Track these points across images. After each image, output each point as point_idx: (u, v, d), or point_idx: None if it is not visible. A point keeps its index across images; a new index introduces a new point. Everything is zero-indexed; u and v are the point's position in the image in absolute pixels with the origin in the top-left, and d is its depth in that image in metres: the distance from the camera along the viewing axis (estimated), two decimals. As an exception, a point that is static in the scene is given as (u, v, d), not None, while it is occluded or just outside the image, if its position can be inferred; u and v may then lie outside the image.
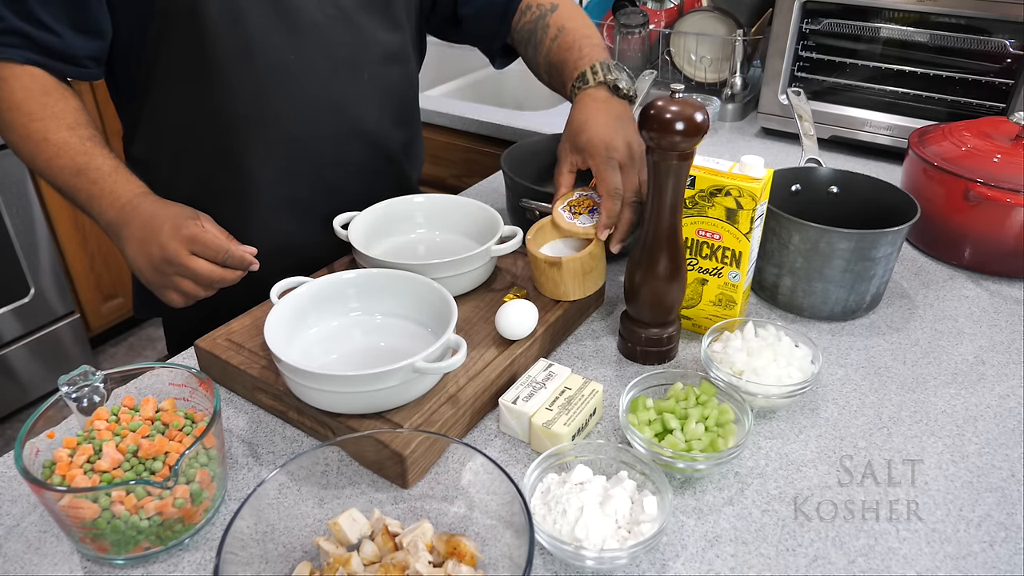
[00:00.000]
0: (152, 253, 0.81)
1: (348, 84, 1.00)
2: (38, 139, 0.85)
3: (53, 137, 0.85)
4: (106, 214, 0.85)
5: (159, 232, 0.81)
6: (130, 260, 0.84)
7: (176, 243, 0.81)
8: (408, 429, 0.70)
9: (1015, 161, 1.02)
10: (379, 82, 1.04)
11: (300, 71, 0.95)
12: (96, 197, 0.85)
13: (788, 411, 0.81)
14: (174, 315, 1.11)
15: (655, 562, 0.64)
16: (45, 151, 0.85)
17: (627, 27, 1.70)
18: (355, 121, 1.02)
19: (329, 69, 0.98)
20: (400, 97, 1.09)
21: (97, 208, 0.85)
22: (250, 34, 0.90)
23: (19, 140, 0.86)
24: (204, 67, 0.91)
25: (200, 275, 0.82)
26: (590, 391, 0.77)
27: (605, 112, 0.91)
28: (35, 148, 0.85)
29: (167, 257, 0.81)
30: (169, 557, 0.64)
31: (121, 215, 0.84)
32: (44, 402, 0.66)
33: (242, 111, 0.94)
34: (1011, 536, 0.66)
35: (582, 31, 1.00)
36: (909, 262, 1.10)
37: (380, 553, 0.60)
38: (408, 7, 1.05)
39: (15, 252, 2.15)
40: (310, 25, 0.94)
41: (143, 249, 0.82)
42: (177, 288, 0.83)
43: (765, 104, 1.51)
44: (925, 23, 1.33)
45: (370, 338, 0.84)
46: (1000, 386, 0.85)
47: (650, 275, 0.83)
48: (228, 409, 0.81)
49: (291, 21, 0.93)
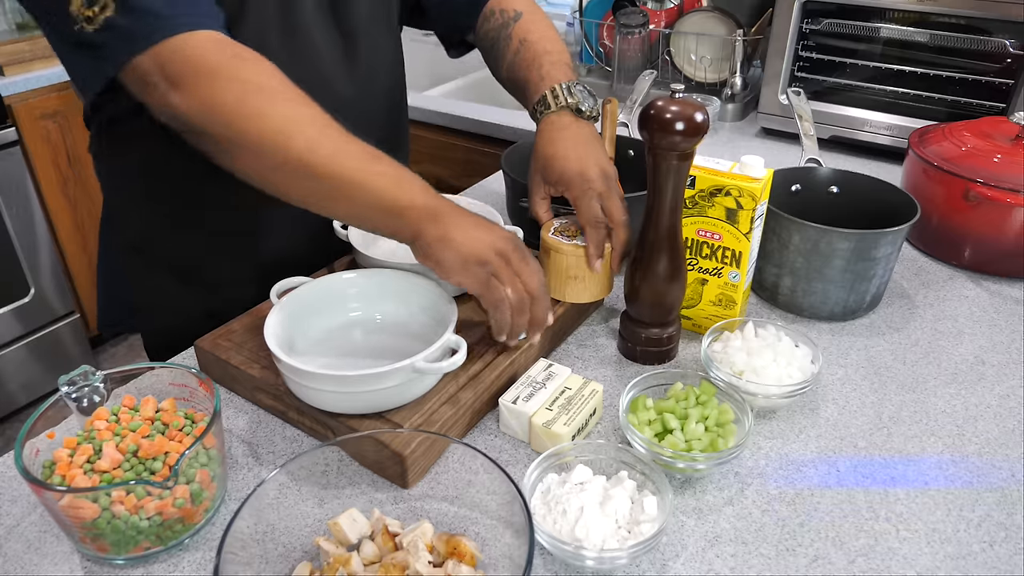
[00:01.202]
0: (495, 239, 0.74)
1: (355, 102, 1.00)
2: (320, 121, 0.73)
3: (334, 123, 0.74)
4: (421, 195, 0.74)
5: (498, 227, 0.77)
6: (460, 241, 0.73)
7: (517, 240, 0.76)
8: (408, 429, 0.70)
9: (1015, 161, 1.02)
10: (385, 97, 1.06)
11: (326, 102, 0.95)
12: (407, 180, 0.74)
13: (788, 411, 0.81)
14: (147, 327, 1.06)
15: (655, 562, 0.64)
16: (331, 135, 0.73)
17: (627, 27, 1.70)
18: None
19: (355, 99, 0.98)
20: (399, 109, 1.12)
21: (408, 190, 0.74)
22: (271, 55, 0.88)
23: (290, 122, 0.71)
24: None
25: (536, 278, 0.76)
26: (590, 391, 0.77)
27: (573, 139, 0.90)
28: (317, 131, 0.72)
29: (516, 244, 0.75)
30: (169, 557, 0.64)
31: (439, 200, 0.75)
32: (44, 402, 0.66)
33: None
34: (1011, 536, 0.66)
35: (543, 45, 0.98)
36: (909, 262, 1.10)
37: (380, 553, 0.60)
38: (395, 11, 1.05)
39: (15, 252, 2.15)
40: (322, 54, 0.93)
41: (483, 231, 0.74)
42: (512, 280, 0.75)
43: (765, 104, 1.51)
44: (925, 23, 1.33)
45: (370, 338, 0.84)
46: (1000, 386, 0.85)
47: (650, 275, 0.83)
48: (228, 409, 0.81)
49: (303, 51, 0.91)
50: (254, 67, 0.73)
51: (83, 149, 2.29)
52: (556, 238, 0.86)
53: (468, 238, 0.73)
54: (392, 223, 0.74)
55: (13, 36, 2.41)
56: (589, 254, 0.85)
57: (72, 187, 2.30)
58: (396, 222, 0.74)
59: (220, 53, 0.72)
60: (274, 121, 0.71)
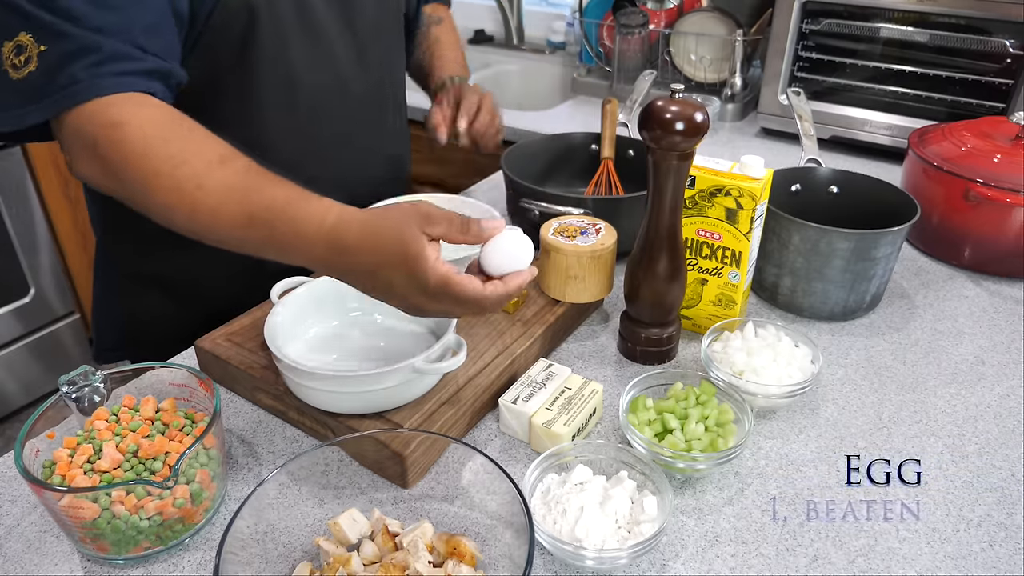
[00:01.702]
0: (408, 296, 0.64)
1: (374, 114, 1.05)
2: (191, 184, 0.66)
3: (209, 183, 0.66)
4: (308, 263, 0.66)
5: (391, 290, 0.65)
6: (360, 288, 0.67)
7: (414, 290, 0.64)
8: (408, 429, 0.70)
9: (1015, 161, 1.02)
10: (393, 96, 1.10)
11: (344, 103, 0.99)
12: (292, 247, 0.65)
13: (788, 411, 0.81)
14: (144, 354, 1.02)
15: (655, 562, 0.64)
16: (204, 199, 0.66)
17: (627, 27, 1.70)
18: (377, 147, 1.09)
19: (366, 101, 1.02)
20: (403, 106, 1.14)
21: (295, 257, 0.66)
22: (294, 61, 0.91)
23: (164, 193, 0.66)
24: (249, 96, 0.90)
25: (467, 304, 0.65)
26: (590, 391, 0.77)
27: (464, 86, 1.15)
28: (191, 198, 0.66)
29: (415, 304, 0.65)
30: (169, 557, 0.64)
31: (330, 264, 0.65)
32: (44, 402, 0.66)
33: (285, 138, 0.95)
34: (1011, 536, 0.66)
35: (453, 48, 1.24)
36: (909, 262, 1.10)
37: (380, 553, 0.60)
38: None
39: (15, 252, 2.15)
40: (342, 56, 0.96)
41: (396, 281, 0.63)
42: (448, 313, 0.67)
43: (765, 104, 1.51)
44: (925, 23, 1.33)
45: (370, 338, 0.84)
46: (1000, 386, 0.85)
47: (650, 275, 0.83)
48: (228, 409, 0.81)
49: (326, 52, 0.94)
50: (126, 132, 0.67)
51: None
52: (556, 238, 0.86)
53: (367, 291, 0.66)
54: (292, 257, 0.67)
55: (13, 36, 2.41)
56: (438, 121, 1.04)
57: (72, 187, 2.30)
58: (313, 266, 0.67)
59: (100, 124, 0.67)
60: (155, 195, 0.67)
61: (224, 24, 0.83)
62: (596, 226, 0.88)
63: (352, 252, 0.63)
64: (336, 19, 0.94)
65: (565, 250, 0.84)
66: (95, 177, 0.70)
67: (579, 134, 1.25)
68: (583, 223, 0.88)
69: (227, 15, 0.83)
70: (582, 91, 1.86)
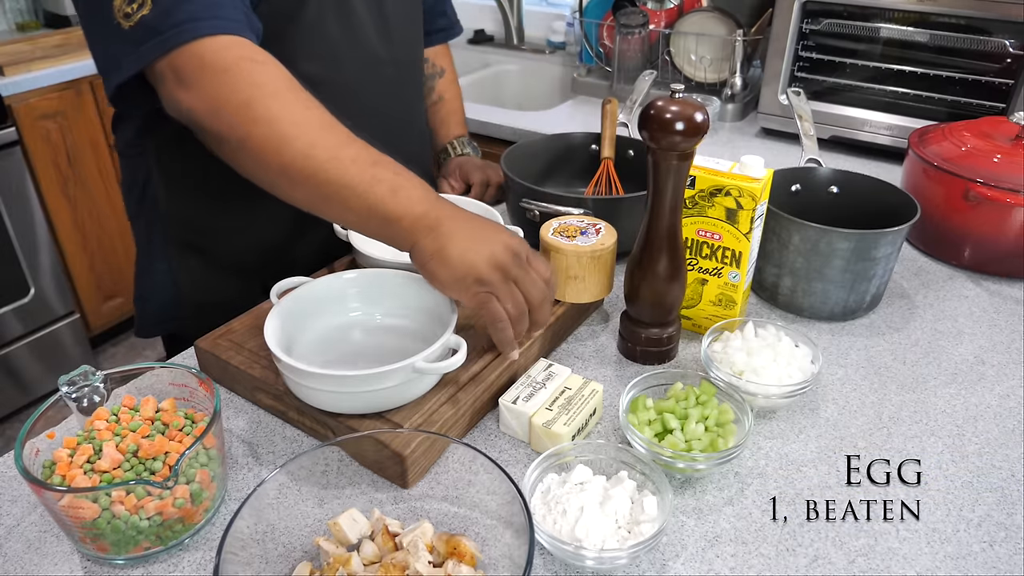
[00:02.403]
0: (495, 250, 0.73)
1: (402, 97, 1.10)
2: (319, 125, 0.73)
3: (337, 126, 0.74)
4: (419, 205, 0.73)
5: (499, 231, 0.75)
6: (456, 255, 0.72)
7: (519, 244, 0.75)
8: (408, 429, 0.70)
9: (1015, 161, 1.02)
10: (415, 80, 1.14)
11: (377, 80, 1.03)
12: (404, 188, 0.73)
13: (788, 411, 0.81)
14: (183, 332, 1.08)
15: (655, 562, 0.64)
16: (330, 139, 0.73)
17: (627, 27, 1.70)
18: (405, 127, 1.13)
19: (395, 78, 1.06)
20: (421, 93, 1.20)
21: (405, 199, 0.73)
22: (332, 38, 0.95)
23: (290, 126, 0.72)
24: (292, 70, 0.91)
25: (537, 286, 0.75)
26: (590, 391, 0.77)
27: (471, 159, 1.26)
28: (316, 135, 0.72)
29: (516, 252, 0.74)
30: (169, 557, 0.64)
31: (438, 207, 0.74)
32: (44, 402, 0.66)
33: None
34: (1011, 536, 0.66)
35: (455, 105, 1.31)
36: (909, 262, 1.10)
37: (380, 553, 0.60)
38: None
39: (15, 252, 2.15)
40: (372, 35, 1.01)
41: (481, 244, 0.73)
42: (510, 297, 0.74)
43: (765, 104, 1.51)
44: (925, 23, 1.33)
45: (370, 338, 0.84)
46: (1000, 386, 0.85)
47: (650, 275, 0.83)
48: (228, 409, 0.81)
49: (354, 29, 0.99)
50: (265, 70, 0.74)
51: (83, 149, 2.29)
52: (556, 238, 0.86)
53: (465, 253, 0.72)
54: (388, 232, 0.74)
55: (13, 36, 2.41)
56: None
57: (72, 187, 2.30)
58: (391, 231, 0.74)
59: (234, 55, 0.73)
60: (278, 125, 0.71)
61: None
62: (596, 226, 0.88)
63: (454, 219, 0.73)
64: (367, 5, 0.99)
65: (565, 250, 0.84)
66: (202, 107, 0.73)
67: (579, 134, 1.25)
68: (583, 223, 0.88)
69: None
70: (582, 91, 1.86)
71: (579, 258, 0.84)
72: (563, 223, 0.89)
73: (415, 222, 0.72)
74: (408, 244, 0.74)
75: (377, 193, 0.72)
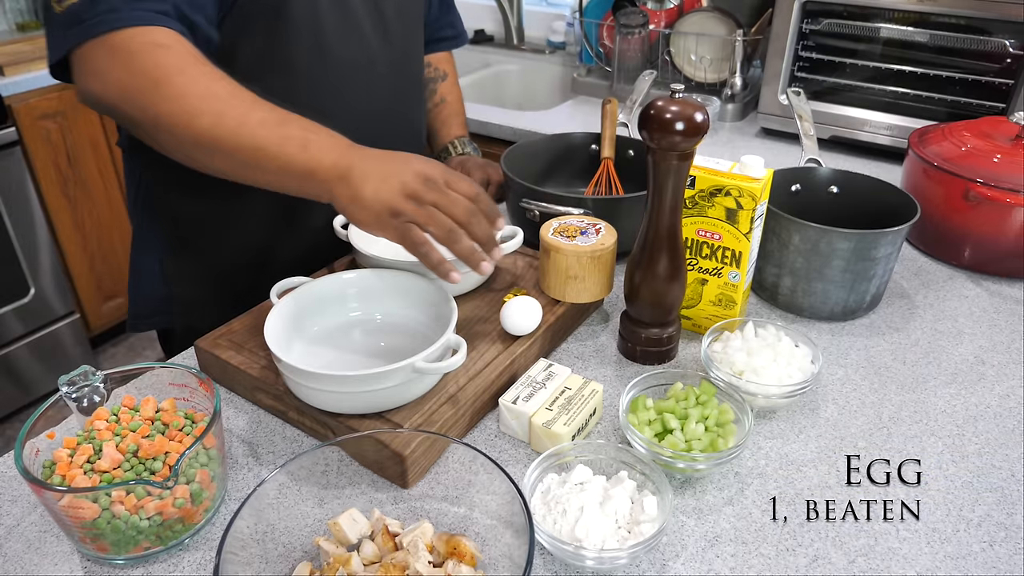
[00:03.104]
0: (406, 180, 0.73)
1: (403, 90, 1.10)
2: (225, 95, 0.75)
3: (243, 93, 0.76)
4: (328, 155, 0.74)
5: (409, 161, 0.75)
6: (369, 197, 0.73)
7: (433, 168, 0.75)
8: (408, 429, 0.70)
9: (1015, 161, 1.02)
10: (414, 82, 1.14)
11: (369, 78, 1.03)
12: (313, 142, 0.74)
13: (788, 411, 0.81)
14: (174, 327, 1.11)
15: (655, 562, 0.64)
16: (237, 106, 0.75)
17: (627, 27, 1.70)
18: (407, 125, 1.14)
19: (389, 76, 1.06)
20: (422, 94, 1.20)
21: (316, 152, 0.74)
22: (326, 33, 0.94)
23: (197, 100, 0.74)
24: (283, 63, 0.93)
25: (458, 203, 0.74)
26: (590, 391, 0.77)
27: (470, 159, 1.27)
28: (223, 105, 0.74)
29: (428, 176, 0.74)
30: (169, 557, 0.64)
31: (349, 154, 0.74)
32: (44, 402, 0.66)
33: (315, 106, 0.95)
34: (1011, 536, 0.66)
35: (456, 107, 1.33)
36: (909, 262, 1.10)
37: (380, 553, 0.60)
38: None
39: (15, 252, 2.15)
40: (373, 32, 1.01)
41: (391, 177, 0.73)
42: (430, 220, 0.73)
43: (765, 104, 1.51)
44: (925, 23, 1.33)
45: (370, 338, 0.84)
46: (1000, 386, 0.85)
47: (650, 275, 0.83)
48: (228, 409, 0.81)
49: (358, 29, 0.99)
50: (169, 52, 0.76)
51: (83, 149, 2.29)
52: (556, 238, 0.86)
53: (377, 191, 0.73)
54: (306, 188, 0.75)
55: (13, 36, 2.41)
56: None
57: (72, 187, 2.30)
58: (309, 186, 0.75)
59: (140, 41, 0.75)
60: (185, 100, 0.74)
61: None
62: (596, 226, 0.88)
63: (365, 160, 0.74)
64: (365, 4, 0.99)
65: (565, 250, 0.84)
66: (112, 93, 0.75)
67: (579, 134, 1.25)
68: (583, 223, 0.88)
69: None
70: (582, 91, 1.86)
71: (579, 258, 0.84)
72: (563, 223, 0.89)
73: (327, 172, 0.73)
74: (327, 196, 0.75)
75: (288, 151, 0.74)
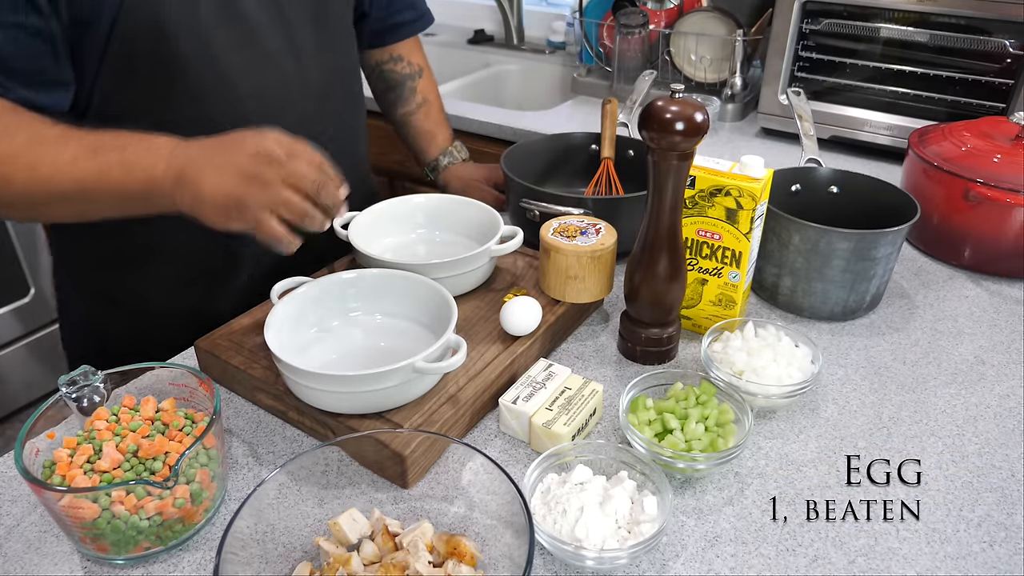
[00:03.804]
0: (242, 164, 0.68)
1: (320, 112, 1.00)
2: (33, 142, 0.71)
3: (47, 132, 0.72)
4: (155, 165, 0.70)
5: (242, 142, 0.70)
6: (209, 193, 0.68)
7: (271, 142, 0.69)
8: (408, 429, 0.70)
9: (1015, 161, 1.02)
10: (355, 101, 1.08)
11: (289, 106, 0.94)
12: (134, 162, 0.70)
13: (788, 411, 0.81)
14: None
15: (655, 562, 0.64)
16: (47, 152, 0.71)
17: (627, 27, 1.70)
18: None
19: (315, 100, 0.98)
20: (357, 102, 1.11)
21: (140, 169, 0.70)
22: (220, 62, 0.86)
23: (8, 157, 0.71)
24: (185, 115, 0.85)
25: (306, 177, 0.69)
26: (590, 391, 0.77)
27: (476, 165, 1.27)
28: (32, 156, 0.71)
29: (266, 153, 0.68)
30: (169, 557, 0.64)
31: (176, 156, 0.70)
32: (44, 402, 0.66)
33: None
34: (1011, 536, 0.66)
35: (440, 106, 1.28)
36: (909, 262, 1.10)
37: (380, 553, 0.60)
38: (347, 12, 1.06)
39: (15, 252, 2.15)
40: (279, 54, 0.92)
41: (228, 166, 0.68)
42: (281, 202, 0.69)
43: (765, 104, 1.51)
44: (925, 23, 1.32)
45: (370, 338, 0.84)
46: (1000, 386, 0.85)
47: (650, 275, 0.83)
48: (228, 409, 0.81)
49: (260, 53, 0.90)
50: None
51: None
52: (556, 238, 0.86)
53: (216, 186, 0.68)
54: (150, 207, 0.72)
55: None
56: None
57: (72, 187, 2.30)
58: (152, 205, 0.72)
59: None
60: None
61: (131, 37, 0.79)
62: (596, 226, 0.88)
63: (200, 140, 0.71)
64: (269, 19, 0.89)
65: (565, 250, 0.84)
66: None
67: (579, 134, 1.25)
68: (583, 223, 0.88)
69: (133, 26, 0.78)
70: (582, 91, 1.86)
71: (579, 258, 0.84)
72: (563, 223, 0.89)
73: (162, 183, 0.70)
74: (172, 207, 0.71)
75: (113, 179, 0.70)
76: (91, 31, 0.77)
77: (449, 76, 2.08)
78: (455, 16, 2.45)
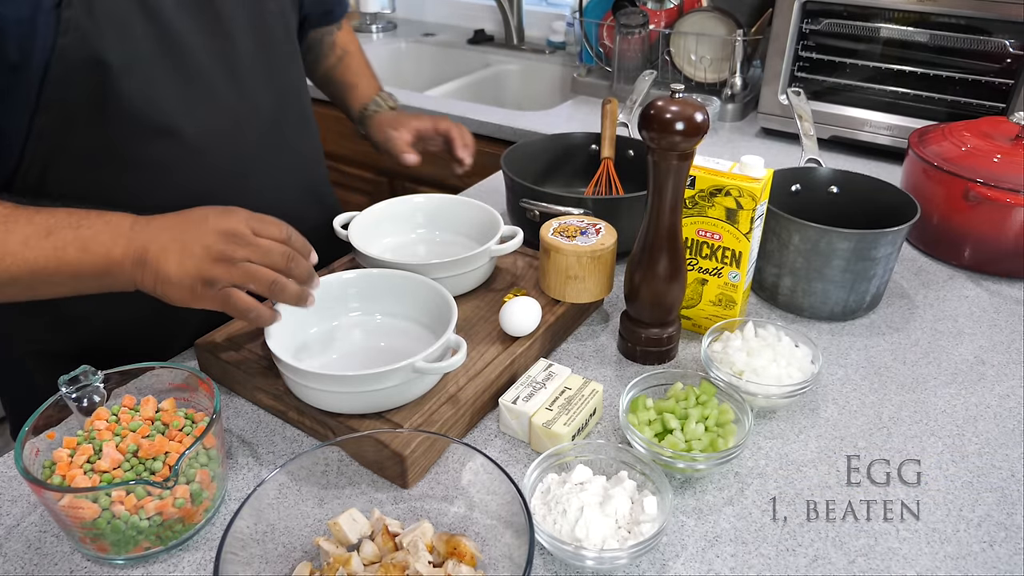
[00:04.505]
0: (208, 243, 0.67)
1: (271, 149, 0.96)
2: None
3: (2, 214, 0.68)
4: (115, 245, 0.67)
5: (205, 220, 0.68)
6: (175, 273, 0.67)
7: (235, 220, 0.68)
8: (408, 429, 0.70)
9: (1015, 161, 1.02)
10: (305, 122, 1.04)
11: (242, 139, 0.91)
12: (90, 240, 0.67)
13: (788, 411, 0.81)
14: None
15: (655, 562, 0.64)
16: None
17: (627, 27, 1.70)
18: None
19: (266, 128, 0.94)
20: (309, 124, 1.06)
21: (98, 248, 0.67)
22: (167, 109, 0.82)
23: None
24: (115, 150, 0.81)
25: (273, 252, 0.69)
26: (590, 391, 0.77)
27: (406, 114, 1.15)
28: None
29: (231, 232, 0.67)
30: (169, 557, 0.64)
31: (136, 235, 0.68)
32: (44, 402, 0.66)
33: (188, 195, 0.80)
34: (1011, 536, 0.66)
35: (362, 57, 1.21)
36: (909, 262, 1.10)
37: (380, 553, 0.60)
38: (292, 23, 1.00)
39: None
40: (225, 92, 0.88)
41: (192, 244, 0.67)
42: (249, 277, 0.68)
43: (765, 104, 1.51)
44: (925, 23, 1.32)
45: (370, 338, 0.84)
46: (1000, 386, 0.85)
47: (650, 275, 0.83)
48: (228, 409, 0.81)
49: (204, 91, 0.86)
50: None
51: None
52: (556, 238, 0.86)
53: (181, 264, 0.67)
54: (108, 285, 0.70)
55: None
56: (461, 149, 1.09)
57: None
58: (109, 283, 0.69)
59: None
60: None
61: (68, 78, 0.74)
62: (596, 226, 0.88)
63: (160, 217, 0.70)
64: (212, 56, 0.85)
65: (565, 250, 0.84)
66: None
67: (579, 134, 1.25)
68: (583, 223, 0.88)
69: (69, 68, 0.73)
70: (582, 91, 1.86)
71: (579, 258, 0.84)
72: (563, 223, 0.89)
73: (121, 263, 0.68)
74: (130, 285, 0.69)
75: (69, 259, 0.67)
76: (20, 75, 0.72)
77: (449, 76, 2.08)
78: (455, 16, 2.45)
